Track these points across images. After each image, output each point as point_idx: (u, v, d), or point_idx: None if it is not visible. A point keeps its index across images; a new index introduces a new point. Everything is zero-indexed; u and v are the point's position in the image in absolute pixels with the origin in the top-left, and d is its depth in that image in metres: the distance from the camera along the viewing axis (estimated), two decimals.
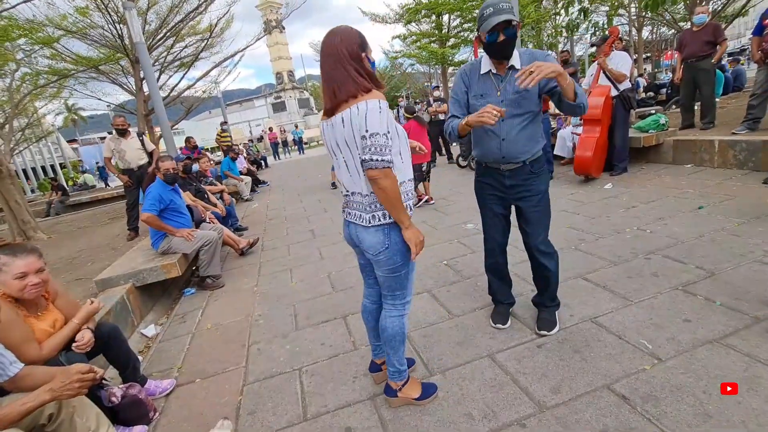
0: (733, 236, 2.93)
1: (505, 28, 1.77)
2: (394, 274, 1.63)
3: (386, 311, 1.75)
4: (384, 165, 1.39)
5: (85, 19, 9.17)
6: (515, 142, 1.94)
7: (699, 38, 5.25)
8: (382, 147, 1.38)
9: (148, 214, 3.46)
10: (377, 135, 1.37)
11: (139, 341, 3.00)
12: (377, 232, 1.55)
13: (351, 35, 1.44)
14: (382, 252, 1.57)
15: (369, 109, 1.38)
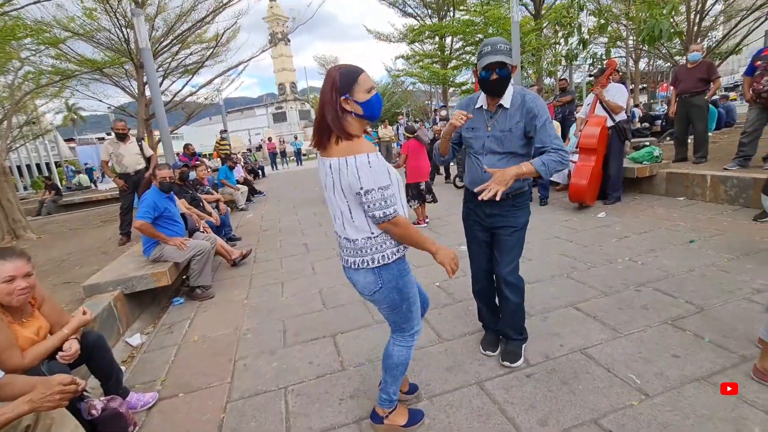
0: (722, 272, 2.96)
1: (499, 68, 1.85)
2: (395, 311, 1.63)
3: (394, 340, 1.73)
4: (388, 218, 1.43)
5: (92, 22, 9.28)
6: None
7: (693, 75, 5.40)
8: (379, 201, 1.40)
9: (142, 221, 3.44)
10: (372, 191, 1.39)
11: (124, 350, 2.95)
12: (368, 273, 1.55)
13: (329, 79, 1.43)
14: (376, 292, 1.57)
15: (359, 165, 1.38)
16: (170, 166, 3.87)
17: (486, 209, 2.09)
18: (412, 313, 1.67)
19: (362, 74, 1.44)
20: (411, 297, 1.64)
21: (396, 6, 18.20)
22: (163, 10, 10.00)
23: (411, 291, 1.63)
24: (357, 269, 1.56)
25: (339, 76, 1.42)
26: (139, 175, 5.25)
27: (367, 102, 1.44)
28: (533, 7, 12.75)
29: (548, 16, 11.77)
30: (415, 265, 3.92)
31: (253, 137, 38.05)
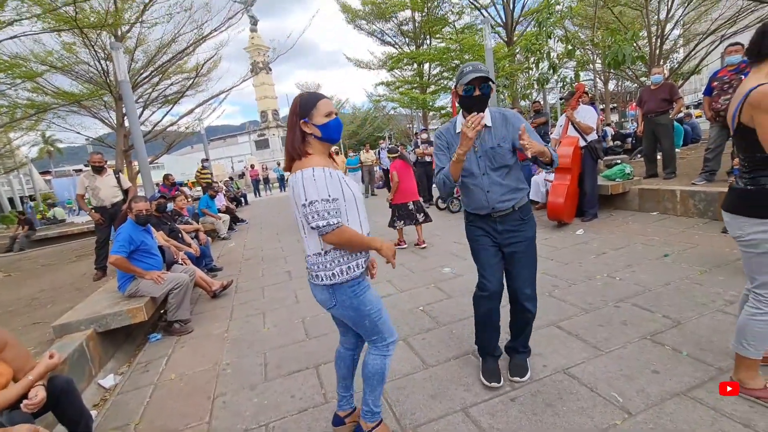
0: (696, 285, 3.04)
1: (481, 84, 1.92)
2: (357, 326, 1.70)
3: (370, 349, 1.78)
4: (332, 228, 1.50)
5: (71, 55, 9.27)
6: (501, 193, 2.05)
7: (657, 96, 5.69)
8: (323, 212, 1.48)
9: (117, 256, 3.35)
10: (316, 202, 1.47)
11: (96, 393, 2.81)
12: (324, 291, 1.64)
13: (293, 105, 1.61)
14: (332, 308, 1.67)
15: (304, 177, 1.49)
16: (147, 199, 3.81)
17: (498, 226, 2.10)
18: (378, 327, 1.70)
19: (322, 100, 1.59)
20: (372, 313, 1.66)
21: (374, 35, 18.80)
22: (143, 42, 10.08)
23: (371, 307, 1.66)
24: (315, 284, 1.66)
25: (300, 101, 1.58)
26: (116, 208, 5.15)
27: (325, 125, 1.57)
28: (505, 35, 13.37)
29: (519, 43, 12.34)
30: (399, 289, 3.91)
31: (236, 164, 37.94)
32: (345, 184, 1.59)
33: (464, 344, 2.68)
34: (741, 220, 1.70)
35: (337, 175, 1.56)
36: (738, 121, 1.65)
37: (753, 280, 1.75)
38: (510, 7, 12.71)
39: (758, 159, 1.62)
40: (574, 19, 13.13)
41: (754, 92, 1.56)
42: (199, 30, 9.79)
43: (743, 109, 1.61)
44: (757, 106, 1.55)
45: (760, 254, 1.67)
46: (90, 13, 8.12)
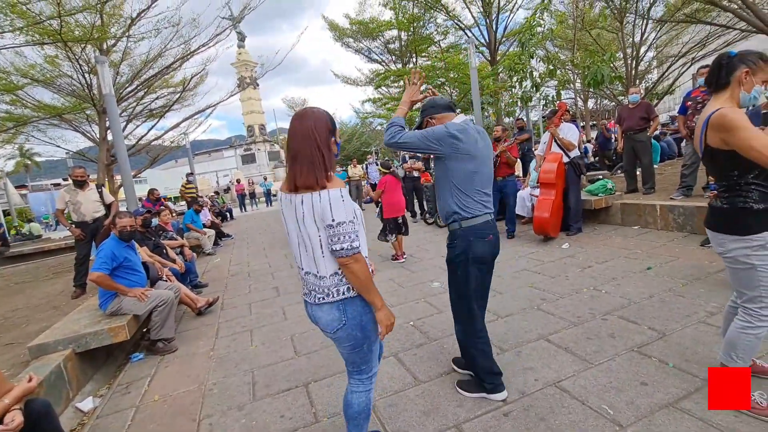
0: (679, 297, 3.12)
1: None
2: (356, 350, 1.61)
3: (352, 386, 1.70)
4: (354, 251, 1.44)
5: (53, 68, 9.13)
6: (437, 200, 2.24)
7: (635, 114, 5.91)
8: (349, 234, 1.43)
9: (99, 273, 3.25)
10: (344, 224, 1.42)
11: (73, 417, 2.68)
12: (332, 309, 1.54)
13: (322, 120, 1.49)
14: (339, 329, 1.56)
15: (332, 198, 1.42)
16: (132, 214, 3.73)
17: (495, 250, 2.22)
18: (372, 353, 1.67)
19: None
20: (372, 336, 1.64)
21: (361, 53, 19.12)
22: (129, 56, 10.01)
23: (373, 330, 1.63)
24: (321, 304, 1.55)
25: (329, 119, 1.52)
26: (97, 223, 5.02)
27: (339, 143, 1.59)
28: (489, 54, 13.76)
29: (503, 62, 12.71)
30: (389, 304, 3.87)
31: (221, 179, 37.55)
32: (355, 206, 1.55)
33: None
34: (721, 237, 1.76)
35: (348, 197, 1.52)
36: (705, 145, 1.73)
37: (741, 295, 1.79)
38: (493, 28, 13.13)
39: (731, 179, 1.70)
40: (555, 40, 13.65)
41: (713, 117, 1.66)
42: (186, 45, 9.79)
43: (707, 134, 1.70)
44: (719, 128, 1.64)
45: (744, 270, 1.72)
46: (75, 27, 8.06)
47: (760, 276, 1.68)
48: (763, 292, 1.70)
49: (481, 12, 13.27)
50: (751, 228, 1.66)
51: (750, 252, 1.67)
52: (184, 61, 10.21)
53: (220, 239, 9.66)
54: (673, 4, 11.17)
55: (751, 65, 1.67)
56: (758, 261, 1.67)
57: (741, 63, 1.69)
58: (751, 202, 1.66)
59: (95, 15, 8.17)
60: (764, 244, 1.65)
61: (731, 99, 1.71)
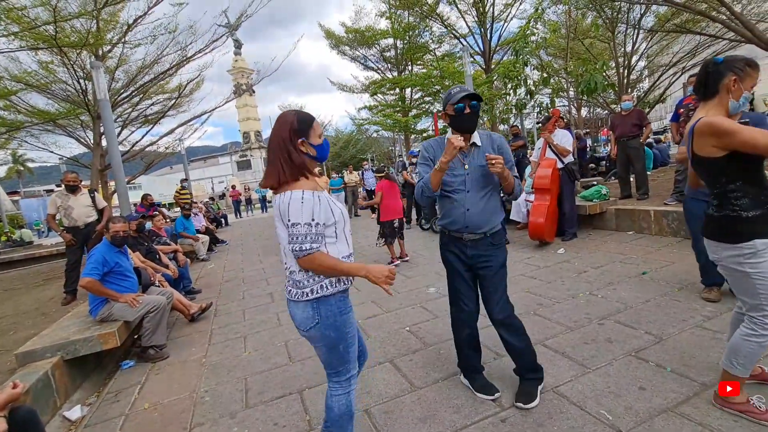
0: (675, 301, 3.12)
1: (471, 102, 1.99)
2: (331, 351, 1.59)
3: (331, 390, 1.67)
4: (304, 254, 1.45)
5: (48, 74, 9.08)
6: (479, 213, 2.07)
7: (627, 121, 5.97)
8: (302, 236, 1.44)
9: (89, 278, 3.19)
10: (298, 225, 1.45)
11: (60, 427, 2.61)
12: (306, 307, 1.55)
13: (285, 123, 1.52)
14: (312, 328, 1.56)
15: (292, 199, 1.46)
16: (125, 219, 3.68)
17: (468, 251, 2.14)
18: (350, 355, 1.63)
19: (315, 121, 1.59)
20: (349, 338, 1.61)
21: (357, 60, 19.24)
22: (125, 62, 9.99)
23: (350, 331, 1.61)
24: (297, 301, 1.57)
25: (297, 118, 1.54)
26: (89, 228, 4.95)
27: (320, 146, 1.58)
28: (483, 63, 13.91)
29: (497, 70, 12.84)
30: (385, 309, 3.86)
31: (216, 185, 37.40)
32: (333, 204, 1.57)
33: (452, 365, 2.64)
34: (714, 245, 1.76)
35: (325, 198, 1.54)
36: (692, 153, 1.75)
37: (744, 303, 1.78)
38: (488, 37, 13.29)
39: (721, 185, 1.70)
40: (549, 49, 13.83)
41: (697, 125, 1.67)
42: (182, 52, 9.79)
43: (694, 142, 1.71)
44: (707, 133, 1.63)
45: (739, 277, 1.71)
46: (70, 33, 8.04)
47: (757, 284, 1.66)
48: (764, 299, 1.68)
49: (475, 21, 13.43)
50: (741, 236, 1.66)
51: (742, 260, 1.67)
52: (180, 67, 10.19)
53: (215, 245, 9.59)
54: (664, 14, 11.37)
55: (738, 72, 1.67)
56: (751, 269, 1.66)
57: (728, 70, 1.68)
58: (739, 210, 1.66)
59: (91, 21, 8.17)
60: (756, 252, 1.64)
61: (719, 106, 1.71)
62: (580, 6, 11.43)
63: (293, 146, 1.51)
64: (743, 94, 1.67)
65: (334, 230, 1.55)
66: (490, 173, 2.00)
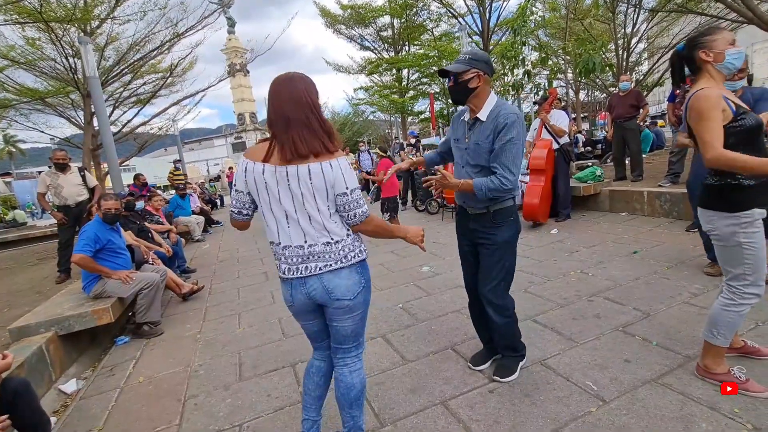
0: (663, 279, 3.16)
1: (453, 76, 1.91)
2: (363, 316, 1.59)
3: (351, 366, 1.61)
4: (365, 216, 1.47)
5: (35, 51, 8.84)
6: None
7: (625, 102, 5.93)
8: (359, 200, 1.45)
9: (81, 255, 3.18)
10: (356, 190, 1.44)
11: (56, 399, 2.65)
12: (351, 272, 1.49)
13: (314, 84, 1.44)
14: (359, 293, 1.51)
15: (344, 166, 1.42)
16: (117, 197, 3.65)
17: (469, 224, 2.11)
18: (365, 324, 1.65)
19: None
20: (368, 305, 1.63)
21: (354, 40, 18.88)
22: (115, 39, 9.73)
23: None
24: (337, 270, 1.46)
25: (313, 84, 1.45)
26: (80, 207, 4.91)
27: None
28: (482, 43, 13.68)
29: (495, 51, 12.65)
30: (379, 288, 3.89)
31: (211, 168, 37.08)
32: None
33: (443, 340, 2.68)
34: (710, 214, 1.77)
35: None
36: (688, 125, 1.76)
37: (727, 273, 1.80)
38: (486, 16, 13.04)
39: None
40: (547, 29, 13.60)
41: (691, 98, 1.70)
42: (173, 28, 9.54)
43: (689, 115, 1.73)
44: (692, 111, 1.68)
45: (731, 247, 1.72)
46: (57, 7, 7.79)
47: (746, 254, 1.69)
48: (747, 270, 1.71)
49: (474, 0, 13.15)
50: (740, 204, 1.67)
51: (738, 229, 1.68)
52: (172, 44, 9.96)
53: (210, 226, 9.57)
54: None
55: (701, 45, 1.71)
56: (745, 238, 1.67)
57: (693, 49, 1.74)
58: (741, 178, 1.66)
59: None
60: (752, 221, 1.66)
61: (710, 78, 1.72)
62: None
63: (322, 112, 1.45)
64: (726, 50, 1.67)
65: None
66: (482, 150, 1.93)
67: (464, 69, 1.89)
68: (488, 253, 2.06)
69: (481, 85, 1.91)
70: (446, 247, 5.01)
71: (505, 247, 2.05)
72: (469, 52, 1.95)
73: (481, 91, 1.92)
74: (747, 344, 2.05)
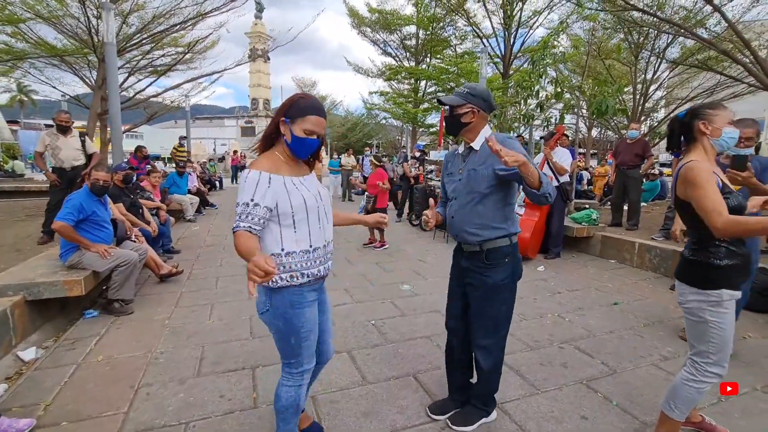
0: (638, 336, 3.14)
1: (450, 108, 1.89)
2: (282, 340, 1.60)
3: (282, 379, 1.66)
4: (234, 230, 1.44)
5: (60, 7, 8.85)
6: (460, 221, 1.91)
7: (631, 150, 5.94)
8: (238, 214, 1.45)
9: (63, 223, 3.17)
10: (238, 204, 1.46)
11: (11, 366, 2.62)
12: (261, 292, 1.57)
13: (287, 100, 1.58)
14: (264, 313, 1.58)
15: (243, 176, 1.50)
16: (109, 169, 3.63)
17: (463, 262, 1.99)
18: (302, 350, 1.60)
19: (314, 116, 1.50)
20: (302, 332, 1.57)
21: (377, 44, 18.95)
22: (141, 8, 9.76)
23: (302, 326, 1.57)
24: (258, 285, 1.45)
25: (294, 102, 1.52)
26: (75, 172, 4.90)
27: (300, 140, 1.51)
28: (503, 67, 13.74)
29: (513, 77, 12.70)
30: (355, 300, 3.87)
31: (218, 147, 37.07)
32: (296, 190, 1.50)
33: (407, 365, 2.66)
34: (682, 287, 1.77)
35: (282, 182, 1.48)
36: (675, 195, 1.76)
37: (692, 347, 1.79)
38: (510, 41, 13.10)
39: (701, 230, 1.68)
40: (567, 64, 13.67)
41: (682, 169, 1.69)
42: (199, 6, 9.57)
43: (677, 185, 1.72)
44: (683, 180, 1.67)
45: (697, 323, 1.72)
46: None
47: (711, 332, 1.68)
48: (711, 348, 1.70)
49: (501, 23, 13.21)
50: (710, 282, 1.67)
51: (705, 306, 1.67)
52: (196, 22, 9.99)
53: (204, 207, 9.54)
54: (689, 48, 11.24)
55: (702, 117, 1.73)
56: (711, 317, 1.67)
57: (694, 119, 1.75)
58: (713, 257, 1.67)
59: None
60: (720, 302, 1.65)
61: (702, 151, 1.73)
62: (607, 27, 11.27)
63: (276, 120, 1.55)
64: (724, 129, 1.69)
65: (292, 219, 1.50)
66: (480, 176, 1.83)
67: (459, 103, 1.86)
68: (477, 296, 1.93)
69: (476, 120, 1.87)
70: (431, 268, 4.99)
71: (495, 290, 1.89)
72: (470, 86, 1.90)
73: (474, 126, 1.88)
74: (705, 420, 2.03)
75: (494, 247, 1.88)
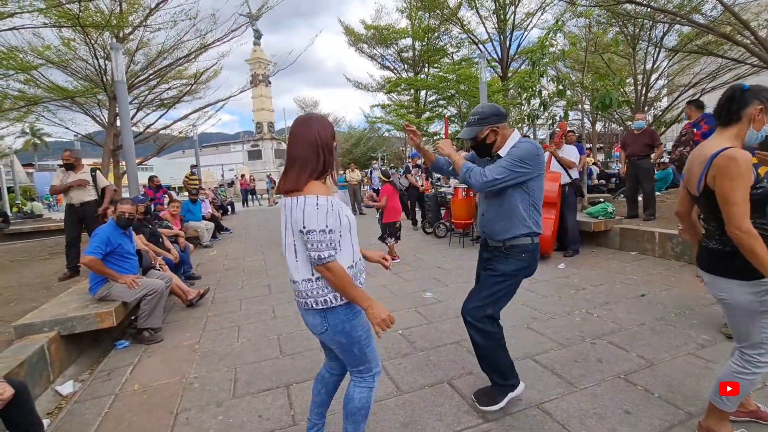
0: (670, 326, 3.09)
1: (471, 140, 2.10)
2: (347, 353, 1.62)
3: (354, 382, 1.70)
4: (321, 262, 1.44)
5: (69, 51, 9.22)
6: (491, 219, 2.11)
7: (639, 140, 5.92)
8: (319, 243, 1.43)
9: (91, 257, 3.25)
10: (313, 232, 1.43)
11: (51, 400, 2.66)
12: (315, 315, 1.57)
13: (327, 124, 1.57)
14: (322, 333, 1.59)
15: (306, 204, 1.44)
16: (133, 202, 3.74)
17: (484, 253, 2.24)
18: (366, 356, 1.64)
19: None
20: (362, 339, 1.61)
21: (374, 59, 19.27)
22: (145, 45, 10.12)
23: (361, 334, 1.61)
24: (306, 309, 1.58)
25: (329, 124, 1.59)
26: (84, 208, 5.02)
27: (336, 147, 1.62)
28: (501, 70, 13.87)
29: (513, 79, 12.79)
30: None
31: (226, 173, 37.68)
32: (341, 210, 1.54)
33: (440, 372, 2.65)
34: (721, 282, 1.65)
35: (336, 204, 1.52)
36: (704, 184, 1.61)
37: (740, 340, 1.70)
38: (506, 45, 13.24)
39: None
40: (566, 61, 13.72)
41: (720, 156, 1.54)
42: (201, 39, 9.89)
43: (709, 173, 1.58)
44: (721, 169, 1.53)
45: (748, 316, 1.61)
46: (94, 12, 8.15)
47: (765, 323, 1.59)
48: (765, 339, 1.62)
49: (495, 28, 13.38)
50: (756, 271, 1.52)
51: (756, 298, 1.57)
52: (199, 54, 10.31)
53: (219, 233, 9.67)
54: (687, 34, 11.22)
55: (765, 102, 1.59)
56: (764, 307, 1.58)
57: (754, 98, 1.59)
58: None
59: (115, 2, 8.29)
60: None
61: (738, 137, 1.62)
62: (601, 22, 11.32)
63: (332, 148, 1.55)
64: (765, 125, 1.61)
65: (339, 237, 1.52)
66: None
67: (477, 132, 2.05)
68: (486, 275, 2.15)
69: (499, 135, 2.06)
70: (450, 274, 4.98)
71: (504, 276, 2.09)
72: (477, 112, 2.07)
73: (500, 139, 2.07)
74: (760, 409, 1.95)
75: (515, 244, 2.07)
